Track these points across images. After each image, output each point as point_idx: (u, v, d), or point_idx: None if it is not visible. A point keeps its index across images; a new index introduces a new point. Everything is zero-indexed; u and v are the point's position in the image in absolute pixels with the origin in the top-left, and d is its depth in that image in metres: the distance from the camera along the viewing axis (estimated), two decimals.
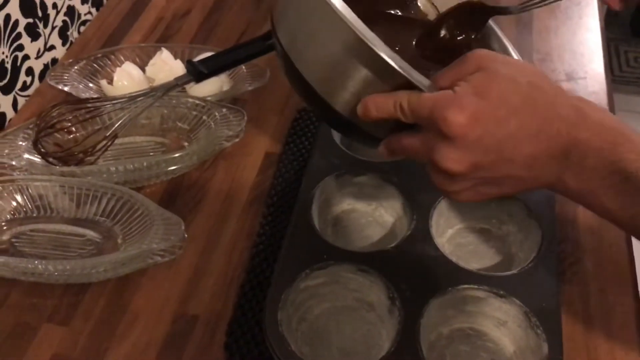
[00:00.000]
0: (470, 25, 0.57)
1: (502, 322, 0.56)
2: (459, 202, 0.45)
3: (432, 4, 0.62)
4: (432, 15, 0.62)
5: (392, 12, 0.63)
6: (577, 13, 0.95)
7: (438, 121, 0.40)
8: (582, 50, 0.88)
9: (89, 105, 0.66)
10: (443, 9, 0.60)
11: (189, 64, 0.66)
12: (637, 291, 0.61)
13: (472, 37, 0.58)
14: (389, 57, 0.43)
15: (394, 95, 0.44)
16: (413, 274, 0.57)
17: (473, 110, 0.40)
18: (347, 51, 0.45)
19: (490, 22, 0.59)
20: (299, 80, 0.50)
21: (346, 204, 0.66)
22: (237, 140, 0.73)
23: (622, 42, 2.34)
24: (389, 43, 0.45)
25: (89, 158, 0.64)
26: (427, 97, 0.42)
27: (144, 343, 0.57)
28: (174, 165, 0.69)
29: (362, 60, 0.45)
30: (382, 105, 0.44)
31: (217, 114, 0.73)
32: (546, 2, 0.57)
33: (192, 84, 0.73)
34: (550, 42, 0.90)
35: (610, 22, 0.88)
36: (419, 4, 0.63)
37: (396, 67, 0.43)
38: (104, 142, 0.64)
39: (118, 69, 0.78)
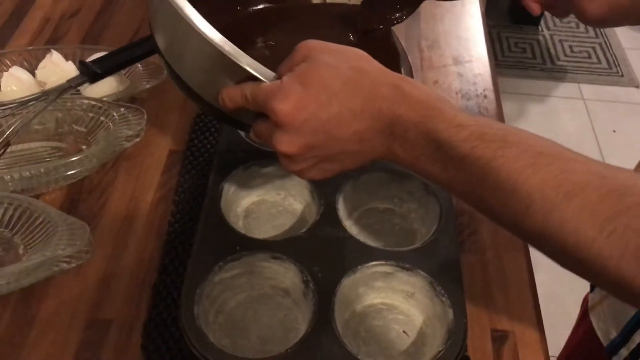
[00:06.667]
0: (406, 2, 0.60)
1: (410, 294, 0.59)
2: (309, 179, 0.50)
3: None
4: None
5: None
6: (460, 1, 1.01)
7: (268, 111, 0.45)
8: (466, 35, 0.94)
9: None
10: None
11: (81, 64, 0.64)
12: (529, 256, 0.66)
13: (404, 17, 0.60)
14: (235, 55, 0.47)
15: (241, 87, 0.48)
16: (324, 257, 0.59)
17: (296, 99, 0.44)
18: (204, 54, 0.48)
19: None
20: (178, 79, 0.54)
21: (255, 196, 0.67)
22: (138, 139, 0.72)
23: (502, 28, 2.49)
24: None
25: None
26: (262, 87, 0.46)
27: (56, 353, 0.56)
28: (73, 170, 0.67)
29: (216, 62, 0.48)
30: (233, 96, 0.49)
31: (115, 114, 0.72)
32: None
33: (86, 85, 0.71)
34: (437, 29, 0.94)
35: (490, 10, 0.94)
36: None
37: (241, 63, 0.47)
38: None
39: (5, 73, 0.75)
